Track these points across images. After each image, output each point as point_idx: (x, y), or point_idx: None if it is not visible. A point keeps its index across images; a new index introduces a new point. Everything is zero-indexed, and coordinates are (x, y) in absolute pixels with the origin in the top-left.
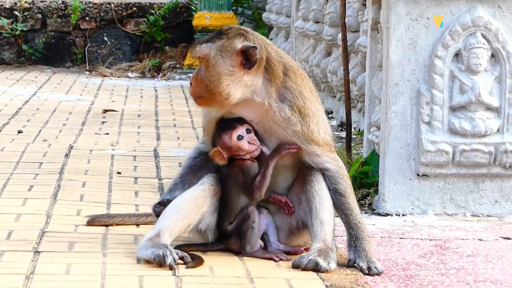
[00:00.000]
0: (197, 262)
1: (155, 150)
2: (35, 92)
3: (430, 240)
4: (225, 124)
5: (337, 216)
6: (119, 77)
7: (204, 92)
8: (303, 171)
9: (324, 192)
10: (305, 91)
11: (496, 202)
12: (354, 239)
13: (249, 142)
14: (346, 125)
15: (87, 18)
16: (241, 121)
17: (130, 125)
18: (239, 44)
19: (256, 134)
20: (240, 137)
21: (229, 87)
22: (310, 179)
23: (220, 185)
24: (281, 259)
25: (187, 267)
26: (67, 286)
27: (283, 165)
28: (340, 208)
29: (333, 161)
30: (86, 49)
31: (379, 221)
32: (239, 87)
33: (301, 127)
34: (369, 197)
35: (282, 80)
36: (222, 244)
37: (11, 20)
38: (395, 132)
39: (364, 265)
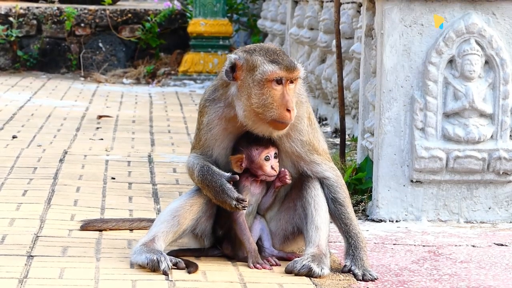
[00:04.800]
0: (195, 267)
1: (149, 156)
2: (30, 97)
3: (424, 246)
4: (259, 140)
5: (331, 222)
6: (114, 83)
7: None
8: (301, 178)
9: (320, 198)
10: (304, 92)
11: (489, 208)
12: (353, 248)
13: (271, 167)
14: (340, 131)
15: (82, 25)
16: (274, 143)
17: (125, 131)
18: None
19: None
20: (267, 158)
21: None
22: (306, 186)
23: None
24: (272, 265)
25: (189, 272)
26: None
27: None
28: (339, 217)
29: (332, 170)
30: (81, 55)
31: (372, 227)
32: None
33: (308, 135)
34: (363, 203)
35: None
36: (217, 249)
37: (6, 26)
38: (388, 138)
39: (359, 272)
